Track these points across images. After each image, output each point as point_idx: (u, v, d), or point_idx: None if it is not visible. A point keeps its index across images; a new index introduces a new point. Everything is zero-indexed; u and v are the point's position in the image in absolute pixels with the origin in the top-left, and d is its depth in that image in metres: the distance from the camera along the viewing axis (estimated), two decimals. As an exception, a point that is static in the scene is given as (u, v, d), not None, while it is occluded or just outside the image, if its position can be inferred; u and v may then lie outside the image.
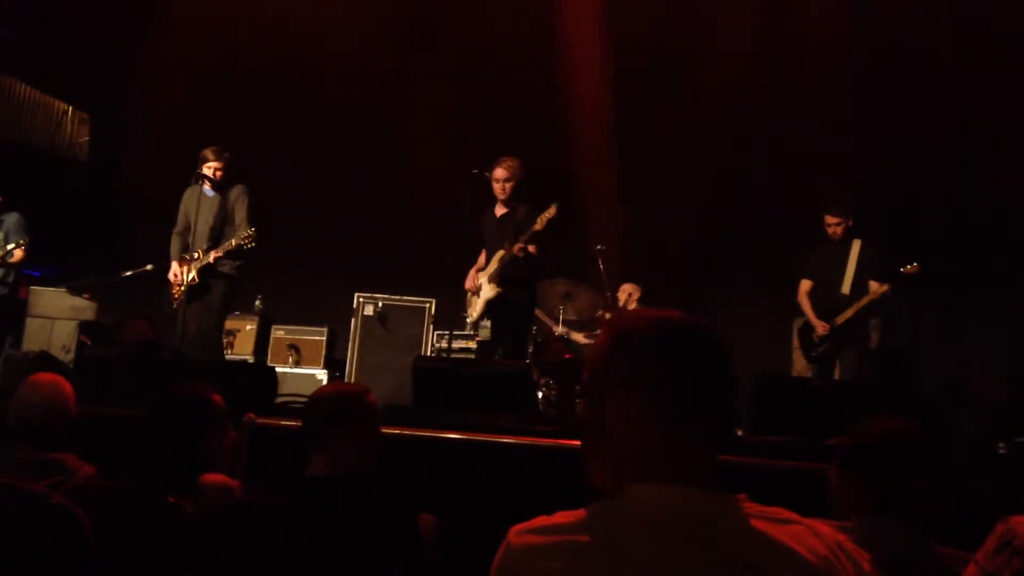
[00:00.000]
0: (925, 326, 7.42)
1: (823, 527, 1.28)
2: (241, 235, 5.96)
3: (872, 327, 6.99)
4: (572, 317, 7.22)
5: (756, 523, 1.24)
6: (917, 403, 4.47)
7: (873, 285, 6.21)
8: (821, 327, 6.31)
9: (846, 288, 6.28)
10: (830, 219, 6.35)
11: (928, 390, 6.77)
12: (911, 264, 6.10)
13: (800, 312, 6.62)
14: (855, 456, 2.17)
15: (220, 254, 5.97)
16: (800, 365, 6.71)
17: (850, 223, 6.34)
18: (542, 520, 1.30)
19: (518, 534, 1.29)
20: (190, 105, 8.98)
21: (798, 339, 6.59)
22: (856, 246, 6.32)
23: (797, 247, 6.84)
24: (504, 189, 6.00)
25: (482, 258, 6.23)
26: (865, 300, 6.18)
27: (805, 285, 6.58)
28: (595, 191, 8.18)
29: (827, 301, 6.37)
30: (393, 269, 8.56)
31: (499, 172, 6.01)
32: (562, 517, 1.29)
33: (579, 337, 7.51)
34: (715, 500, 1.26)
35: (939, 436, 2.26)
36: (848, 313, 6.23)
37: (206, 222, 6.12)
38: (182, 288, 6.02)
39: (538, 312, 7.08)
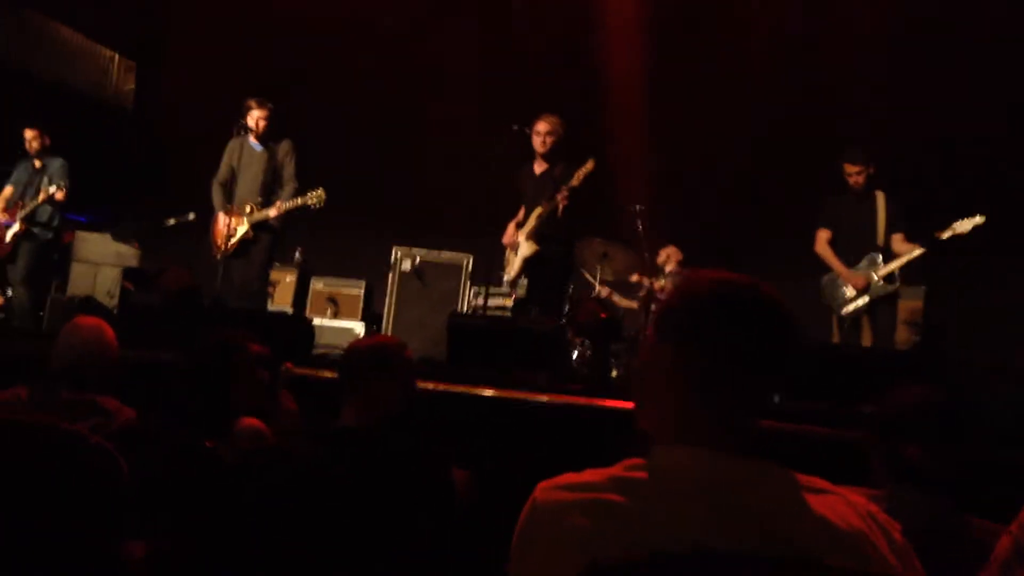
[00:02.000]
0: (971, 296, 7.23)
1: (856, 497, 1.26)
2: (311, 196, 5.98)
3: (915, 294, 6.85)
4: (609, 277, 7.18)
5: (791, 492, 1.22)
6: (957, 374, 4.40)
7: (898, 239, 5.86)
8: (857, 280, 5.92)
9: (880, 240, 5.91)
10: (850, 167, 5.95)
11: (970, 362, 6.63)
12: (949, 228, 5.63)
13: (822, 266, 6.17)
14: (884, 425, 2.16)
15: (282, 211, 6.00)
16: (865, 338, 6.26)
17: (871, 171, 5.94)
18: (570, 477, 1.28)
19: (545, 490, 1.28)
20: (233, 55, 8.99)
21: (824, 294, 6.13)
22: (880, 197, 5.96)
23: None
24: (545, 143, 5.95)
25: (521, 213, 6.20)
26: (906, 258, 5.77)
27: (824, 235, 6.16)
28: (631, 150, 8.08)
29: (859, 253, 5.96)
30: (431, 223, 8.56)
31: (541, 125, 5.96)
32: (591, 475, 1.27)
33: (621, 301, 7.48)
34: (750, 467, 1.24)
35: (970, 406, 2.22)
36: (891, 267, 5.83)
37: (255, 177, 6.15)
38: (231, 239, 6.07)
39: (586, 273, 7.06)
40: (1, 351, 4.66)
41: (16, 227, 6.93)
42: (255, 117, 6.15)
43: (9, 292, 7.16)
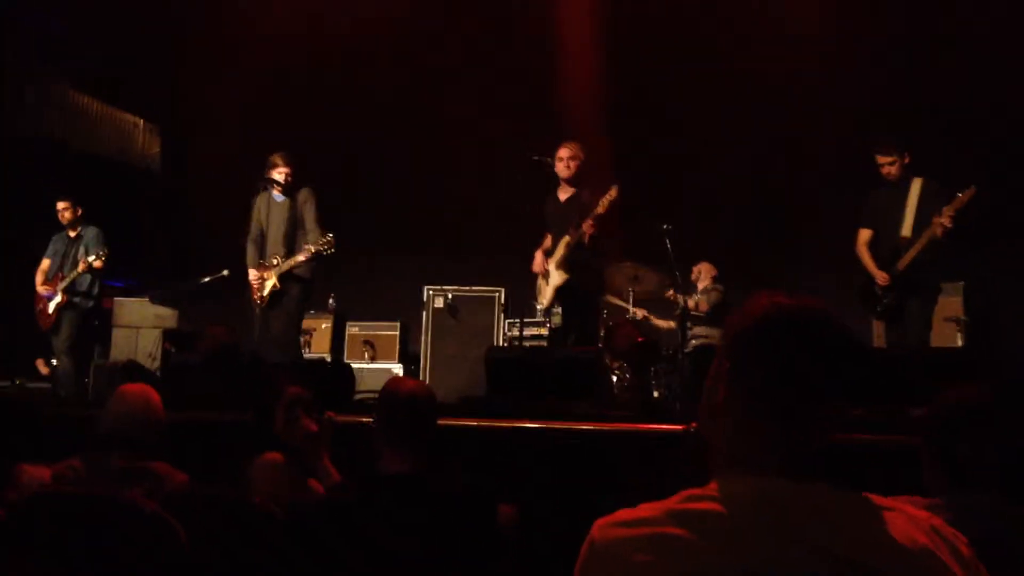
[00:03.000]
0: (1011, 288, 7.08)
1: (918, 512, 1.25)
2: (320, 241, 6.03)
3: (954, 290, 6.71)
4: (641, 299, 7.17)
5: (857, 515, 1.21)
6: (1007, 372, 4.31)
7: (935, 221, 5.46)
8: (882, 277, 5.62)
9: (906, 230, 5.56)
10: (882, 159, 5.64)
11: (1020, 355, 6.49)
12: (967, 188, 5.31)
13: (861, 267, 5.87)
14: (934, 428, 2.10)
15: (301, 260, 6.06)
16: (879, 332, 6.15)
17: (906, 160, 5.61)
18: (626, 513, 1.27)
19: (603, 528, 1.27)
20: (254, 111, 9.16)
21: (859, 296, 5.84)
22: (917, 184, 5.60)
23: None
24: (568, 167, 5.98)
25: (547, 240, 6.21)
26: (925, 237, 5.42)
27: (864, 235, 5.85)
28: (656, 170, 8.11)
29: (886, 247, 5.68)
30: (460, 260, 8.61)
31: (563, 151, 5.99)
32: (646, 510, 1.26)
33: (659, 322, 7.45)
34: (816, 493, 1.23)
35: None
36: (910, 255, 5.49)
37: (278, 228, 6.23)
38: (263, 294, 6.15)
39: (610, 297, 7.04)
40: (49, 420, 4.74)
41: (58, 298, 7.08)
42: (281, 173, 6.23)
43: (54, 362, 7.30)
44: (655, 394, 6.07)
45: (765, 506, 1.21)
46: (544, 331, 7.06)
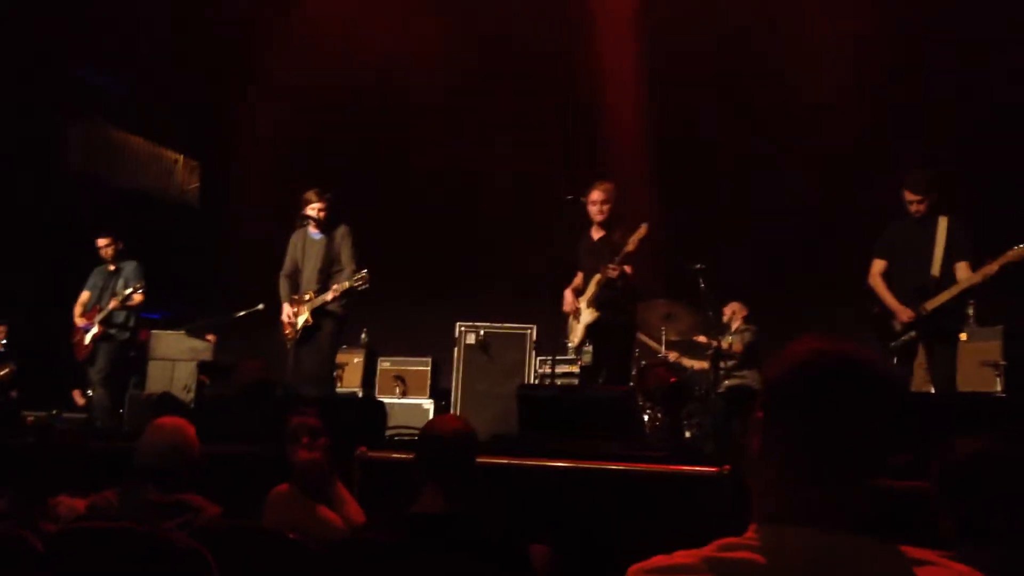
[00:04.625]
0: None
1: (958, 566, 1.22)
2: (355, 279, 6.07)
3: (993, 335, 6.58)
4: (674, 338, 7.13)
5: (895, 570, 1.19)
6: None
7: (962, 268, 5.29)
8: (905, 313, 5.40)
9: (935, 270, 5.36)
10: (910, 196, 5.44)
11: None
12: (1002, 256, 5.10)
13: (874, 298, 5.67)
14: (945, 479, 2.05)
15: (336, 296, 6.10)
16: (919, 379, 5.76)
17: (934, 199, 5.43)
18: (662, 560, 1.25)
19: (638, 575, 1.26)
20: (292, 147, 9.32)
21: (874, 327, 5.61)
22: (943, 223, 5.42)
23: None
24: (601, 211, 6.00)
25: (579, 279, 6.22)
26: (966, 282, 5.21)
27: (878, 265, 5.66)
28: (689, 208, 8.12)
29: (911, 284, 5.47)
30: (492, 296, 8.64)
31: (596, 195, 6.02)
32: (682, 557, 1.23)
33: (690, 362, 7.41)
34: (859, 546, 1.20)
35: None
36: (942, 298, 5.30)
37: (314, 265, 6.29)
38: (296, 329, 6.20)
39: (642, 336, 7.01)
40: (87, 451, 4.79)
41: (95, 330, 7.19)
42: (315, 208, 6.31)
43: (90, 392, 7.39)
44: (687, 435, 6.02)
45: (807, 559, 1.19)
46: (575, 368, 7.04)
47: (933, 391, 5.33)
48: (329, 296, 6.11)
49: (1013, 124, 7.29)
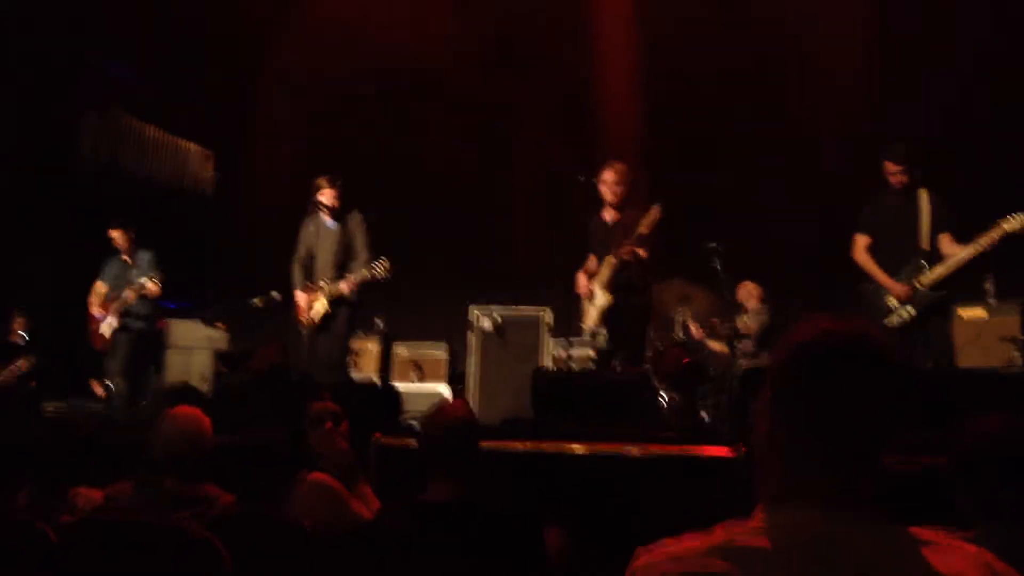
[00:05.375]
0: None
1: (970, 547, 1.21)
2: (375, 267, 6.07)
3: (1010, 310, 6.51)
4: (688, 319, 7.09)
5: (909, 551, 1.18)
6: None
7: (946, 240, 5.27)
8: (901, 291, 5.37)
9: (924, 243, 5.32)
10: (892, 167, 5.42)
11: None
12: (995, 226, 5.06)
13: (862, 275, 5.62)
14: (962, 459, 2.04)
15: (354, 286, 6.09)
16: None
17: (916, 171, 5.44)
18: (669, 544, 1.25)
19: (645, 559, 1.25)
20: (306, 135, 9.31)
21: (865, 304, 5.53)
22: (924, 195, 5.42)
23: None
24: (614, 192, 5.97)
25: (591, 262, 6.19)
26: (954, 262, 5.20)
27: (862, 241, 5.61)
28: (703, 188, 8.06)
29: (901, 259, 5.41)
30: (506, 280, 8.62)
31: (608, 175, 5.98)
32: (690, 541, 1.24)
33: (713, 344, 7.36)
34: (866, 527, 1.20)
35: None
36: (938, 272, 5.26)
37: (329, 252, 6.29)
38: (312, 316, 6.21)
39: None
40: (106, 442, 4.83)
41: (114, 322, 7.23)
42: (327, 195, 6.30)
43: (109, 383, 7.44)
44: (703, 416, 5.99)
45: (811, 542, 1.19)
46: (591, 352, 7.02)
47: (931, 366, 5.23)
48: (346, 288, 6.10)
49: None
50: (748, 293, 7.39)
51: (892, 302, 5.40)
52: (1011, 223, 5.06)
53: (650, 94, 8.41)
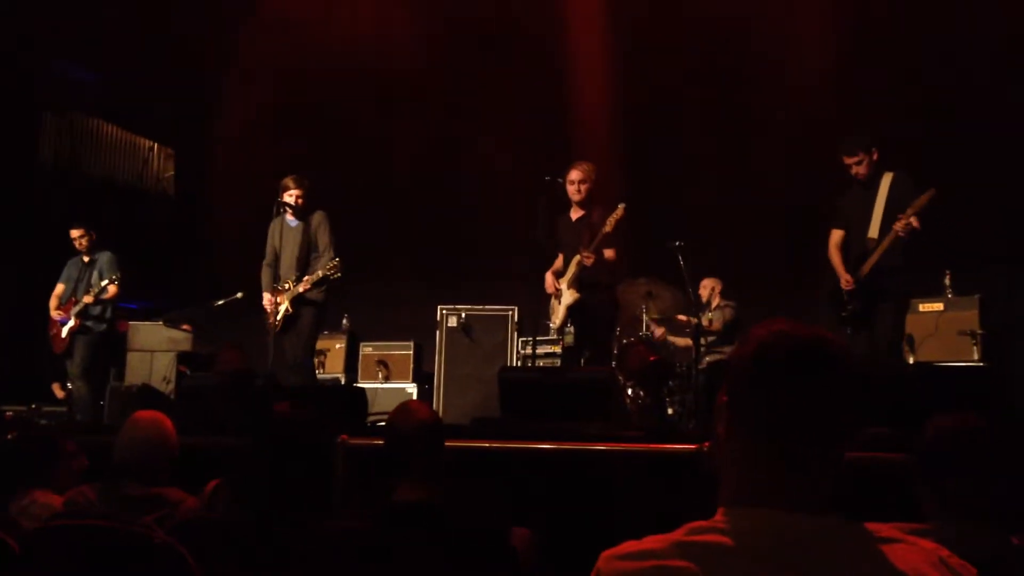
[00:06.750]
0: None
1: (925, 543, 1.23)
2: (327, 266, 6.03)
3: (970, 304, 6.60)
4: (655, 315, 7.14)
5: (867, 548, 1.20)
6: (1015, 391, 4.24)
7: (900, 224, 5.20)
8: (845, 280, 5.38)
9: (873, 231, 5.32)
10: (847, 160, 5.43)
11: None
12: (928, 189, 5.09)
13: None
14: (923, 455, 2.08)
15: (308, 286, 6.07)
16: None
17: (875, 157, 5.38)
18: (632, 545, 1.25)
19: (608, 560, 1.25)
20: (269, 131, 9.23)
21: (826, 299, 5.58)
22: (887, 180, 5.36)
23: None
24: (579, 191, 5.98)
25: (559, 261, 6.22)
26: (887, 240, 5.18)
27: (836, 236, 5.60)
28: (667, 186, 8.12)
29: (856, 250, 5.44)
30: (473, 279, 8.62)
31: (574, 174, 5.99)
32: (652, 542, 1.24)
33: (678, 340, 7.41)
34: (825, 526, 1.21)
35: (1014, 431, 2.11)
36: (872, 260, 5.27)
37: (292, 252, 6.24)
38: (278, 317, 6.16)
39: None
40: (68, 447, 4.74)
41: (71, 323, 7.12)
42: (292, 195, 6.25)
43: (69, 386, 7.34)
44: (669, 412, 6.03)
45: (772, 540, 1.20)
46: (557, 349, 7.04)
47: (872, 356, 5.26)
48: (301, 288, 6.07)
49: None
50: (712, 289, 7.45)
51: (844, 295, 5.42)
52: (915, 205, 5.10)
53: (620, 94, 8.44)
